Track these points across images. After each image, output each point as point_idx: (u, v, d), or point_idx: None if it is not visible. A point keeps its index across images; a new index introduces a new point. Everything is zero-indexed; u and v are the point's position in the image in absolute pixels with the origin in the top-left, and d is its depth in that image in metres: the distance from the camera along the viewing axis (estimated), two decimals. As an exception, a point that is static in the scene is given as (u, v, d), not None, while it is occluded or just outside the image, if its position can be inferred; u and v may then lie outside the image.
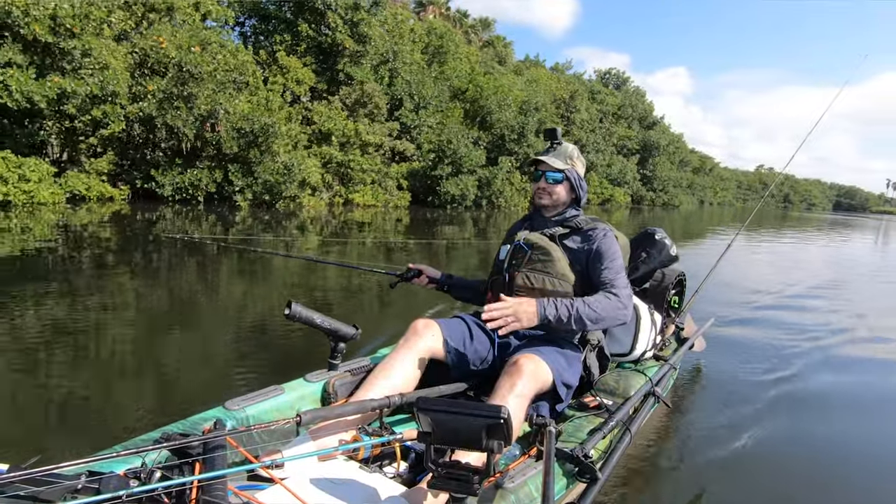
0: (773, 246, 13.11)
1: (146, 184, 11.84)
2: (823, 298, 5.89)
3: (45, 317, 3.51)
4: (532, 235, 1.84)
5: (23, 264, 5.26)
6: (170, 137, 11.71)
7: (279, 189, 12.85)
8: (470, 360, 1.75)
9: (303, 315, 1.67)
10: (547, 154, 1.87)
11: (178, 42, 11.56)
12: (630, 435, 1.60)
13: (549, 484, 1.09)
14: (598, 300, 1.65)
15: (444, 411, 1.04)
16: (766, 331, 4.19)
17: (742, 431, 2.35)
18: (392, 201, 16.46)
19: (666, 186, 40.51)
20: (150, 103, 11.12)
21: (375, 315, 4.24)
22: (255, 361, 3.02)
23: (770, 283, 6.66)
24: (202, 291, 4.77)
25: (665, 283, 2.62)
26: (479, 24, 25.36)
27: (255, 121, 12.14)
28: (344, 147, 15.48)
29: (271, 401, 1.55)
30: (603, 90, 37.15)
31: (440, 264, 7.25)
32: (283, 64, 14.94)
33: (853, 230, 25.06)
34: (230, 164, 12.42)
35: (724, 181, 64.67)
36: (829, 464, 2.20)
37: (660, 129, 42.07)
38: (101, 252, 6.25)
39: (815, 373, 3.28)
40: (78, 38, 9.26)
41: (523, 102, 21.38)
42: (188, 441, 1.06)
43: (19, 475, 0.82)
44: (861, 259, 12.18)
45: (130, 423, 2.14)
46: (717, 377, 3.10)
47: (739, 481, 1.99)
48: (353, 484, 1.29)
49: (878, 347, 4.08)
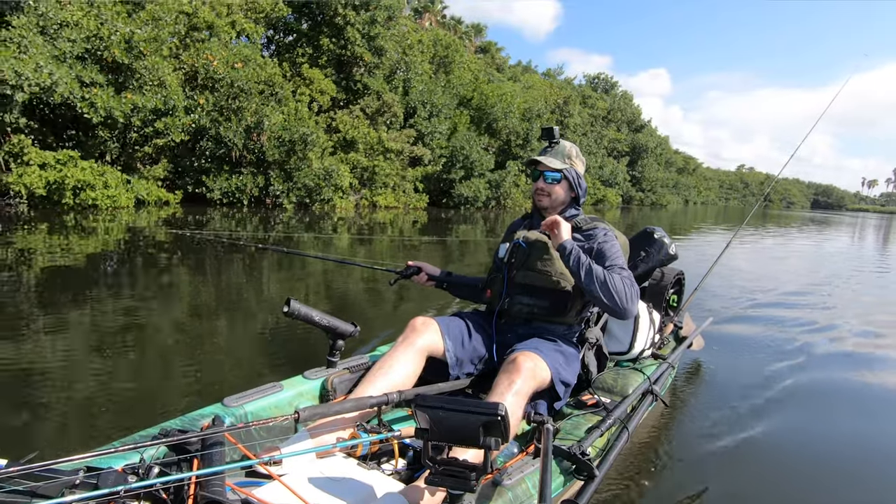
0: (761, 243, 13.46)
1: (197, 189, 12.98)
2: (816, 295, 5.91)
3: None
4: (531, 234, 1.84)
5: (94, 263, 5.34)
6: (218, 146, 12.90)
7: (318, 193, 14.19)
8: (468, 357, 1.75)
9: (301, 312, 1.67)
10: (545, 154, 1.86)
11: (223, 59, 12.81)
12: (628, 433, 1.60)
13: (546, 481, 1.09)
14: (612, 274, 1.61)
15: (442, 408, 1.04)
16: (764, 328, 4.20)
17: (740, 429, 2.36)
18: (412, 203, 17.75)
19: (654, 187, 42.59)
20: (200, 115, 12.24)
21: (374, 312, 4.24)
22: (254, 358, 3.02)
23: (764, 280, 6.68)
24: (202, 287, 4.77)
25: (664, 282, 2.62)
26: (472, 29, 25.64)
27: (294, 130, 13.37)
28: (368, 153, 16.65)
29: (270, 397, 1.55)
30: (593, 95, 38.82)
31: (452, 260, 7.41)
32: (306, 76, 15.89)
33: (833, 227, 25.83)
34: (271, 170, 13.65)
35: (707, 181, 66.85)
36: (828, 461, 2.21)
37: (647, 131, 44.12)
38: (154, 253, 6.28)
39: (813, 370, 3.29)
40: (147, 59, 10.69)
41: (526, 110, 22.84)
42: (187, 437, 1.06)
43: (18, 470, 0.82)
44: (849, 254, 12.50)
45: (120, 420, 2.14)
46: (716, 376, 3.11)
47: (737, 479, 1.99)
48: (351, 480, 1.29)
49: (877, 343, 4.09)
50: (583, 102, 34.69)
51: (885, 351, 3.88)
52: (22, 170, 9.24)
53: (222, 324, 3.69)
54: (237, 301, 4.36)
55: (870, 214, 75.51)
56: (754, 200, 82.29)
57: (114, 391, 2.44)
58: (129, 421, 2.13)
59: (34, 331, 3.20)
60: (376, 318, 3.93)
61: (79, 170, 9.80)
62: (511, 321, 1.83)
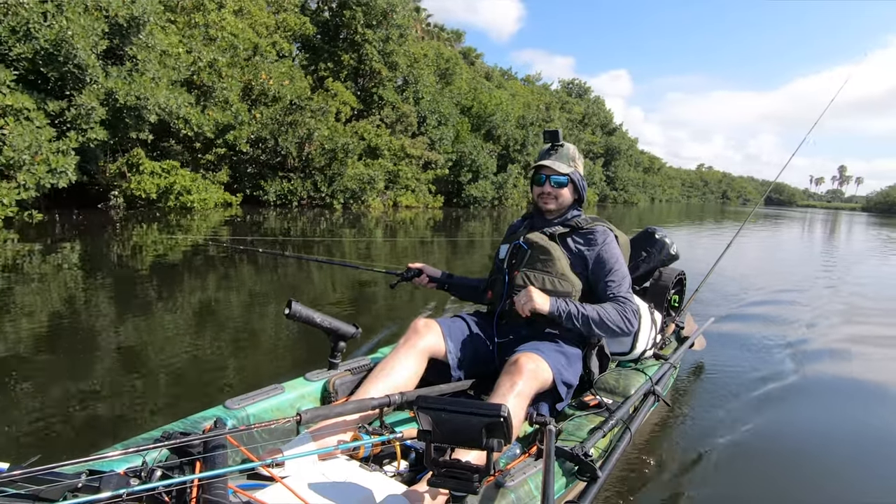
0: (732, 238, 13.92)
1: (254, 192, 14.86)
2: (815, 293, 5.91)
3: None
4: (532, 235, 1.83)
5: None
6: (275, 155, 14.78)
7: (363, 194, 16.55)
8: (470, 359, 1.75)
9: (303, 314, 1.67)
10: (549, 158, 1.85)
11: (275, 76, 14.88)
12: (630, 434, 1.60)
13: (548, 482, 1.09)
14: (607, 308, 1.67)
15: (444, 410, 1.04)
16: (764, 327, 4.19)
17: (742, 430, 2.36)
18: (430, 203, 20.12)
19: (626, 186, 46.51)
20: (256, 127, 14.11)
21: (375, 314, 4.24)
22: (256, 360, 3.02)
23: (761, 277, 6.67)
24: (205, 291, 4.77)
25: (665, 282, 2.62)
26: (452, 35, 26.41)
27: (336, 140, 15.50)
28: (392, 159, 18.76)
29: (272, 400, 1.55)
30: (570, 100, 41.64)
31: (458, 257, 7.51)
32: (331, 89, 17.48)
33: (788, 222, 27.36)
34: (317, 175, 15.70)
35: (671, 179, 71.61)
36: (833, 461, 2.20)
37: (619, 134, 48.13)
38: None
39: (816, 369, 3.29)
40: (224, 81, 13.03)
41: (520, 117, 25.82)
42: (189, 440, 1.06)
43: (20, 473, 0.82)
44: (819, 250, 13.12)
45: (116, 424, 2.14)
46: (718, 376, 3.10)
47: (739, 480, 1.99)
48: (353, 482, 1.29)
49: (879, 340, 4.08)
50: (561, 108, 37.32)
51: (886, 350, 3.88)
52: (139, 178, 11.38)
53: (223, 324, 3.69)
54: (238, 302, 4.36)
55: (818, 210, 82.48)
56: (713, 198, 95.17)
57: (107, 388, 2.45)
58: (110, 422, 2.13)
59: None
60: (377, 320, 3.93)
61: (180, 177, 11.99)
62: (512, 322, 1.82)
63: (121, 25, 10.28)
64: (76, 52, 9.17)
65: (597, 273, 1.76)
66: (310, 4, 19.34)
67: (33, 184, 8.64)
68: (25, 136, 8.34)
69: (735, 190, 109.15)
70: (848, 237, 18.80)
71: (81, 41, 9.22)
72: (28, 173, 8.53)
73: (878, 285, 7.18)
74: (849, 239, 17.87)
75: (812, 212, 66.36)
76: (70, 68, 9.29)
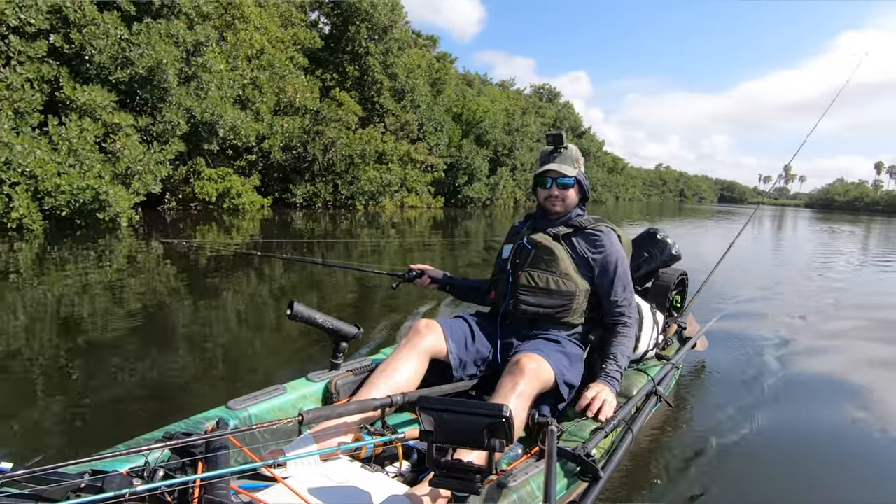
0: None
1: (283, 194, 16.37)
2: (814, 290, 5.90)
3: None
4: (536, 235, 1.84)
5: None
6: (302, 161, 16.33)
7: (380, 195, 18.41)
8: (472, 359, 1.75)
9: (305, 315, 1.68)
10: (554, 161, 1.84)
11: (299, 89, 16.10)
12: (632, 434, 1.59)
13: (550, 483, 1.09)
14: (622, 342, 1.76)
15: (446, 410, 1.04)
16: (766, 326, 4.18)
17: (744, 429, 2.35)
18: (432, 203, 21.93)
19: (595, 186, 48.08)
20: (285, 136, 15.30)
21: (377, 314, 4.24)
22: (257, 361, 3.02)
23: (756, 276, 6.66)
24: (207, 293, 4.78)
25: (667, 283, 2.61)
26: (428, 41, 26.80)
27: (354, 147, 16.95)
28: (400, 163, 20.13)
29: (274, 400, 1.55)
30: (543, 105, 42.83)
31: (460, 255, 7.61)
32: (338, 98, 18.23)
33: (739, 218, 27.75)
34: (338, 179, 17.24)
35: (633, 179, 74.44)
36: (837, 461, 2.19)
37: (588, 137, 50.95)
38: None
39: (819, 368, 3.28)
40: (264, 95, 14.69)
41: (505, 123, 27.72)
42: (191, 440, 1.06)
43: (23, 473, 0.83)
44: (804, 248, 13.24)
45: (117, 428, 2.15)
46: (719, 375, 3.09)
47: (742, 480, 1.98)
48: (355, 483, 1.29)
49: (885, 340, 4.07)
50: (536, 112, 38.51)
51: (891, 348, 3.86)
52: (202, 182, 13.22)
53: (224, 325, 3.69)
54: (239, 303, 4.37)
55: (766, 207, 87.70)
56: (671, 196, 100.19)
57: (105, 387, 2.45)
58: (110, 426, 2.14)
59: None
60: (379, 320, 3.93)
61: (232, 181, 13.70)
62: (515, 322, 1.83)
63: (188, 51, 11.96)
64: (166, 76, 10.94)
65: (602, 282, 1.79)
66: (309, 15, 20.34)
67: (143, 190, 10.48)
68: (136, 149, 10.16)
69: (691, 188, 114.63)
70: (794, 232, 19.49)
71: (171, 67, 11.01)
72: (139, 181, 10.33)
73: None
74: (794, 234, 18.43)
75: (761, 208, 69.77)
76: (158, 90, 11.08)
